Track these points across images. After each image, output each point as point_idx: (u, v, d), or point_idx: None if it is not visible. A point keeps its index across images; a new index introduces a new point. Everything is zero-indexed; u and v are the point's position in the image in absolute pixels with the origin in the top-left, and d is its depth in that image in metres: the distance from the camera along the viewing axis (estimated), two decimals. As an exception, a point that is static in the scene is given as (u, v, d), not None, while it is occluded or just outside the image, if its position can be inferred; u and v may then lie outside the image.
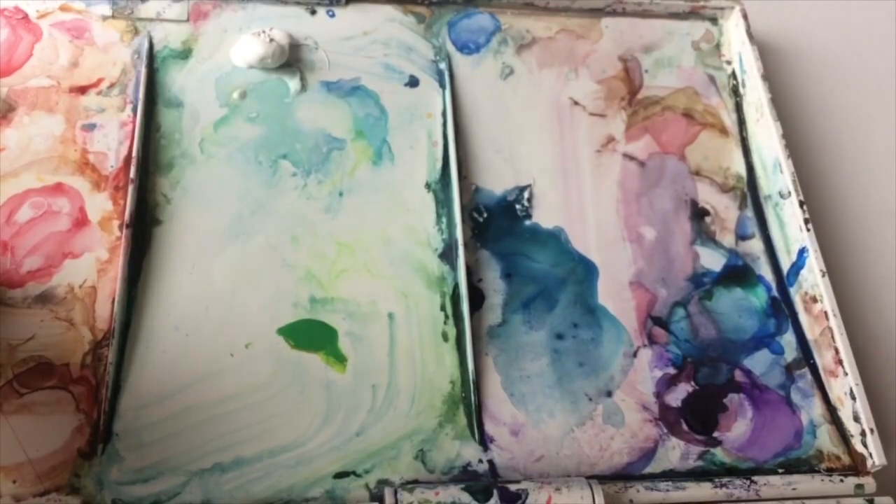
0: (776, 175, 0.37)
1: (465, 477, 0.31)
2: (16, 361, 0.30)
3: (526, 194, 0.36)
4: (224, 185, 0.34)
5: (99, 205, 0.33)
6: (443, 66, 0.38)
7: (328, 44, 0.38)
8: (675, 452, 0.32)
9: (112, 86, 0.35)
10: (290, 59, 0.37)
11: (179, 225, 0.33)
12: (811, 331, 0.35)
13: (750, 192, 0.38)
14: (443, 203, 0.35)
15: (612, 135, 0.38)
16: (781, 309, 0.36)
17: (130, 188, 0.33)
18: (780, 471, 0.32)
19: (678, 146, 0.39)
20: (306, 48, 0.38)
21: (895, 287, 0.38)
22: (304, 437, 0.30)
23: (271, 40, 0.36)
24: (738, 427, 0.33)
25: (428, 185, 0.36)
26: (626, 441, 0.32)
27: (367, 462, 0.30)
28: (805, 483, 0.31)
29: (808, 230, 0.35)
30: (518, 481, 0.29)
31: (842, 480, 0.32)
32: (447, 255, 0.34)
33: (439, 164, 0.36)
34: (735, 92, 0.40)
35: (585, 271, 0.35)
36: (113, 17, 0.37)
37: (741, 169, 0.39)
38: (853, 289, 0.37)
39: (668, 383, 0.33)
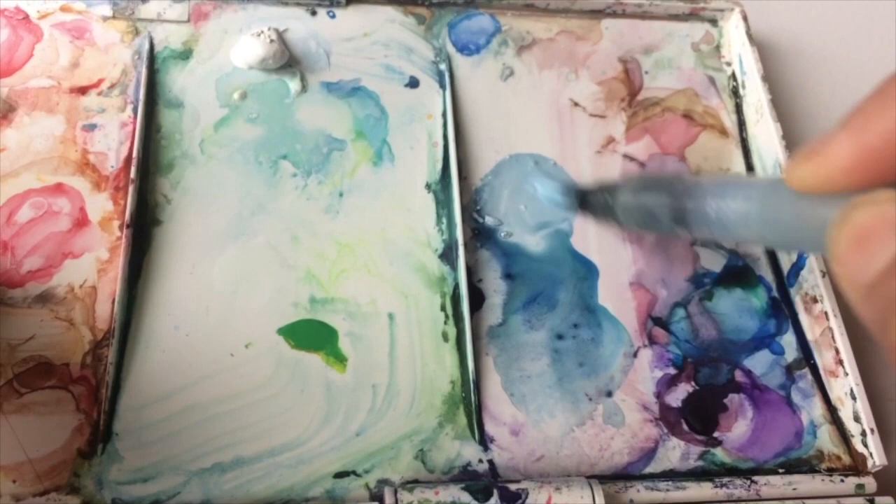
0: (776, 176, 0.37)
1: (465, 476, 0.31)
2: (16, 361, 0.30)
3: (526, 195, 0.36)
4: (224, 186, 0.34)
5: (99, 205, 0.33)
6: (443, 67, 0.38)
7: (329, 45, 0.38)
8: (676, 452, 0.32)
9: (113, 86, 0.35)
10: (291, 59, 0.37)
11: (180, 225, 0.33)
12: (811, 331, 0.35)
13: (750, 193, 0.38)
14: (443, 203, 0.35)
15: (612, 136, 0.39)
16: (782, 309, 0.36)
17: (131, 188, 0.33)
18: (780, 471, 0.32)
19: (678, 147, 0.39)
20: (306, 49, 0.38)
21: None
22: (305, 437, 0.30)
23: (271, 41, 0.36)
24: (738, 427, 0.33)
25: (428, 186, 0.36)
26: (627, 441, 0.32)
27: (367, 462, 0.30)
28: (805, 483, 0.31)
29: (809, 231, 0.35)
30: (518, 481, 0.29)
31: (842, 480, 0.32)
32: (447, 255, 0.34)
33: (439, 165, 0.36)
34: (735, 93, 0.41)
35: (586, 272, 0.35)
36: (114, 17, 0.37)
37: (741, 170, 0.39)
38: (853, 289, 0.37)
39: (668, 383, 0.33)
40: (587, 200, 0.34)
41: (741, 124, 0.40)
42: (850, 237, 0.18)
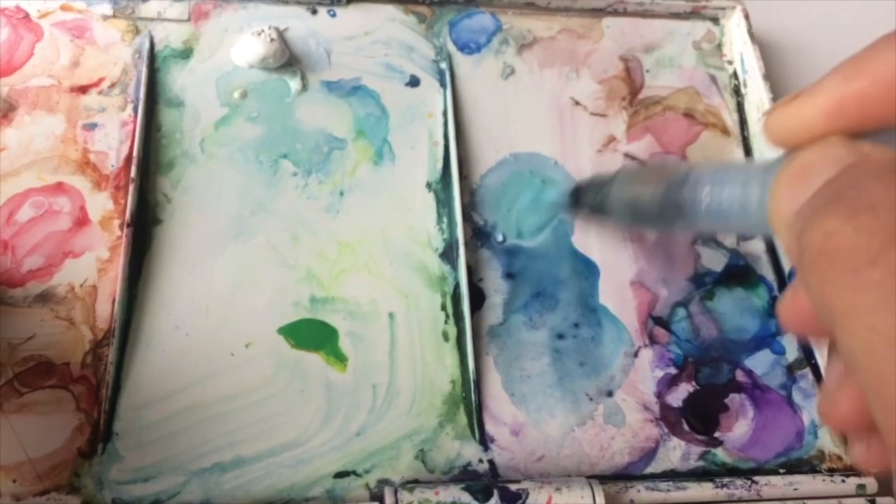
0: (777, 175, 0.37)
1: (465, 476, 0.31)
2: (16, 360, 0.30)
3: (527, 194, 0.36)
4: (225, 185, 0.34)
5: (100, 204, 0.33)
6: (444, 65, 0.38)
7: (329, 43, 0.38)
8: (676, 452, 0.32)
9: (113, 85, 0.35)
10: (291, 58, 0.37)
11: (180, 224, 0.33)
12: (813, 331, 0.35)
13: (751, 192, 0.38)
14: (443, 203, 0.35)
15: (613, 134, 0.38)
16: (783, 309, 0.36)
17: (131, 188, 0.33)
18: (781, 471, 0.32)
19: (679, 146, 0.39)
20: (306, 47, 0.38)
21: None
22: (305, 437, 0.30)
23: (272, 40, 0.36)
24: (739, 427, 0.33)
25: (429, 185, 0.36)
26: (627, 441, 0.32)
27: (368, 462, 0.30)
28: (806, 483, 0.31)
29: (810, 230, 0.35)
30: (518, 481, 0.29)
31: (843, 481, 0.32)
32: (448, 254, 0.34)
33: (440, 164, 0.36)
34: (736, 92, 0.40)
35: (586, 271, 0.35)
36: (114, 16, 0.37)
37: (742, 169, 0.39)
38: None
39: (669, 383, 0.33)
40: (580, 196, 0.33)
41: (742, 123, 0.40)
42: (790, 172, 0.18)
